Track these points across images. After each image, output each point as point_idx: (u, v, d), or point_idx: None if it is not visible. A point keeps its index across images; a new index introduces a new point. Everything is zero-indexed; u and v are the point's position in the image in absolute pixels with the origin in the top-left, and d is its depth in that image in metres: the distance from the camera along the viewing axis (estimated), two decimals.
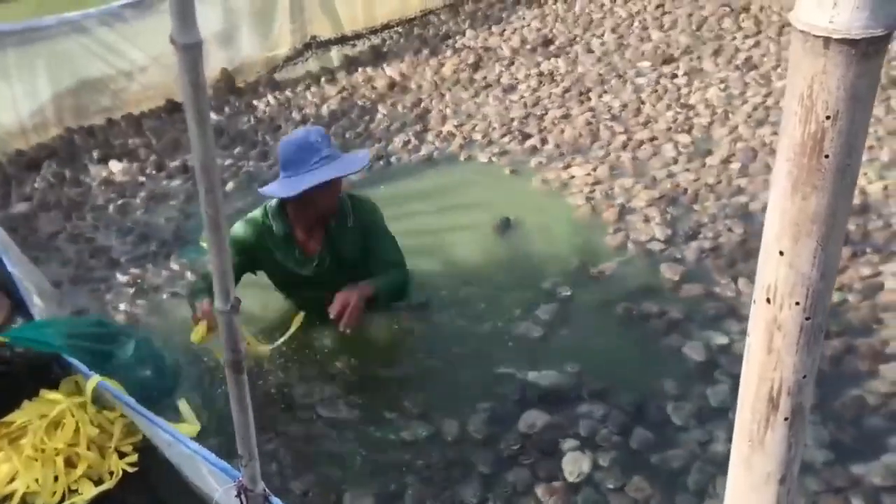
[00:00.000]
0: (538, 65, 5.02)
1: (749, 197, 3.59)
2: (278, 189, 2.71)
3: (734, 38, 5.14)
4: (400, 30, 5.64)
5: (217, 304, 1.66)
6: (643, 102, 4.47)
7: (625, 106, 4.45)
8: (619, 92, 4.60)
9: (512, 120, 4.39)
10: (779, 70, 4.70)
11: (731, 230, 3.37)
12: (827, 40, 0.66)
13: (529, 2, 5.98)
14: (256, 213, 2.87)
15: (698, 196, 3.63)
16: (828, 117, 0.69)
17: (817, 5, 0.66)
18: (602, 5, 5.86)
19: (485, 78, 4.88)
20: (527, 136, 4.24)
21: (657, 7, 5.68)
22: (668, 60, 4.88)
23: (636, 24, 5.48)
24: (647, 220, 3.48)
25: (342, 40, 5.44)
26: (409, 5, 5.78)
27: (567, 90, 4.67)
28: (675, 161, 3.91)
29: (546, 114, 4.44)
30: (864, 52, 0.66)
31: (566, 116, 4.39)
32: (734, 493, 0.92)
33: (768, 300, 0.79)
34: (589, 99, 4.57)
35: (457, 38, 5.46)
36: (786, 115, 0.71)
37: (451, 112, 4.53)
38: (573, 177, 3.86)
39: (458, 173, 4.03)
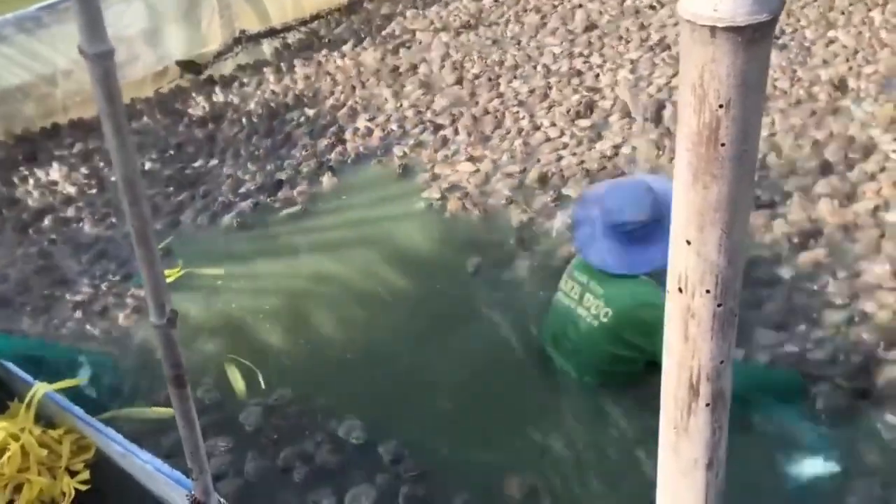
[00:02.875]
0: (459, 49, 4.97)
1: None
2: None
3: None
4: (330, 19, 5.55)
5: (152, 318, 1.62)
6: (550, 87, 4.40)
7: (532, 91, 4.38)
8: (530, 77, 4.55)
9: (427, 110, 4.33)
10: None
11: None
12: (713, 29, 0.65)
13: None
14: None
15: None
16: (720, 106, 0.68)
17: None
18: None
19: (414, 67, 4.80)
20: (439, 127, 4.16)
21: None
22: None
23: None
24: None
25: (272, 33, 5.34)
26: None
27: (477, 76, 4.61)
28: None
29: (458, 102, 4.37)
30: (750, 38, 0.65)
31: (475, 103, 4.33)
32: (664, 479, 0.93)
33: (680, 289, 0.79)
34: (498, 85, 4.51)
35: (386, 24, 5.39)
36: (681, 106, 0.71)
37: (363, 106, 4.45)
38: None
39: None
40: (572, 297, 2.64)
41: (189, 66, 4.90)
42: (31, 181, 4.08)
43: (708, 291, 0.77)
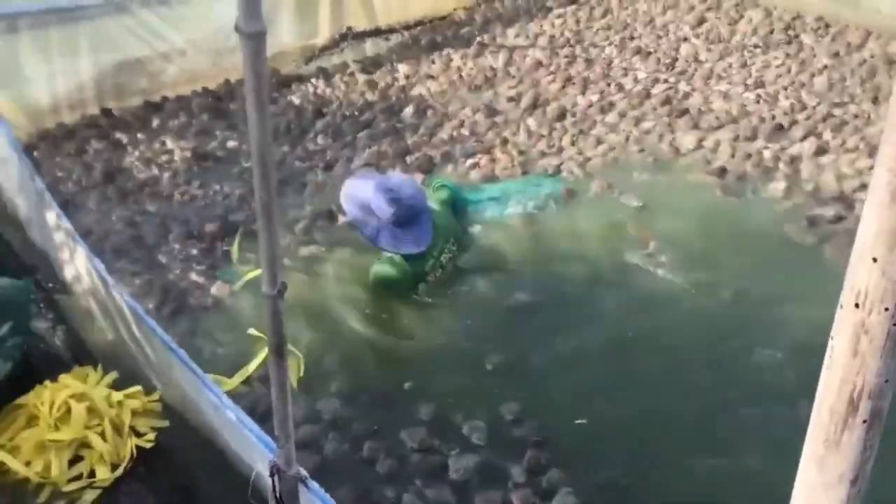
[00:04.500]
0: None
1: None
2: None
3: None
4: (433, 25, 5.68)
5: (264, 287, 1.70)
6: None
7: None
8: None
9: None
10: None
11: None
12: None
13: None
14: None
15: None
16: None
17: None
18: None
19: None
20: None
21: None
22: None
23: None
24: None
25: (376, 33, 5.48)
26: (442, 3, 5.81)
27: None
28: None
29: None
30: None
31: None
32: (804, 491, 0.95)
33: (857, 305, 0.82)
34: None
35: (484, 37, 5.49)
36: (889, 126, 0.74)
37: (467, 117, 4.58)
38: None
39: None
40: None
41: None
42: (136, 152, 4.25)
43: (887, 310, 0.80)
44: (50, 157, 4.15)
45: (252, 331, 2.90)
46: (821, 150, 4.18)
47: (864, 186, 3.91)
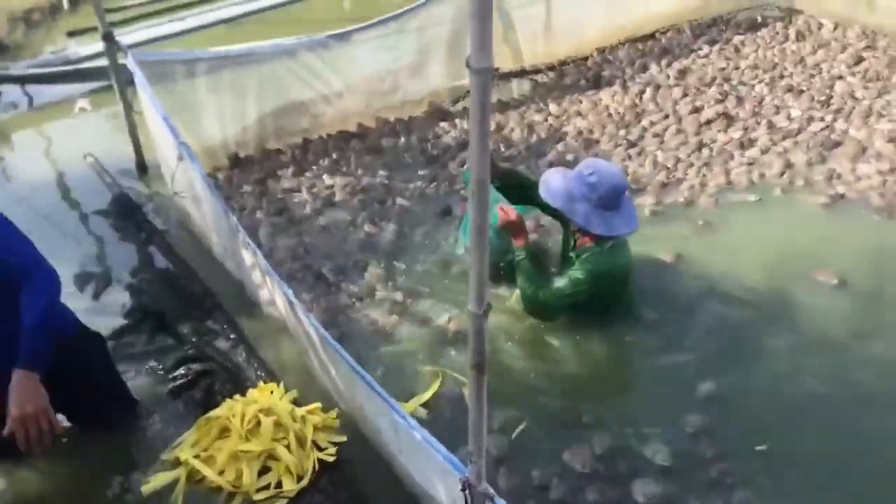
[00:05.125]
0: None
1: None
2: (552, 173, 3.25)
3: None
4: (577, 65, 5.78)
5: (471, 306, 1.79)
6: None
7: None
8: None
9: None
10: None
11: None
12: None
13: (712, 41, 6.01)
14: None
15: None
16: None
17: None
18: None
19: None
20: None
21: None
22: None
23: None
24: None
25: (521, 73, 5.62)
26: (586, 43, 5.91)
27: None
28: None
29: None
30: None
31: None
32: None
33: None
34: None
35: (630, 78, 5.55)
36: None
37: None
38: None
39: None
40: None
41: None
42: (301, 187, 4.50)
43: None
44: (226, 191, 4.46)
45: (427, 368, 3.03)
46: None
47: None
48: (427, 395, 3.04)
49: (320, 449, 2.85)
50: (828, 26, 6.08)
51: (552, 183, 3.17)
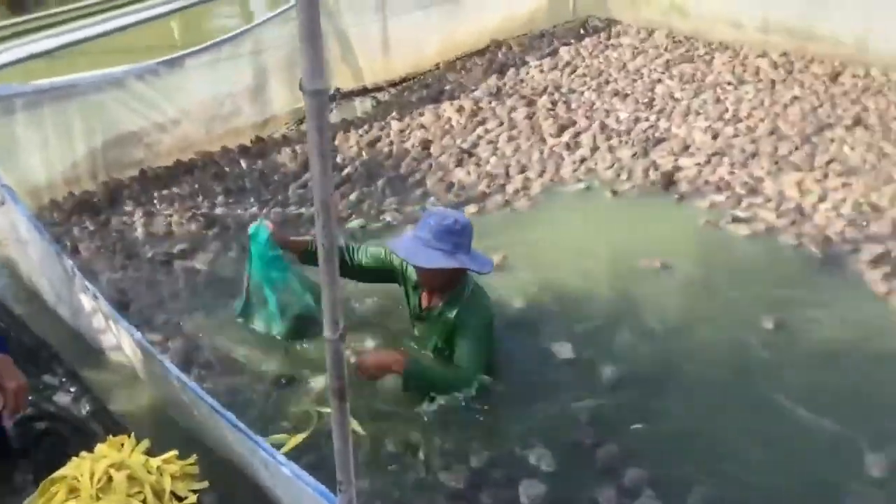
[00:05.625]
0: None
1: None
2: (400, 245, 3.00)
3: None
4: (417, 82, 5.86)
5: (326, 332, 1.76)
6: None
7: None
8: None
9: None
10: None
11: None
12: None
13: (543, 53, 6.27)
14: None
15: None
16: None
17: None
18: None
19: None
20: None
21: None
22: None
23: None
24: None
25: (363, 92, 5.64)
26: (425, 60, 6.01)
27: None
28: None
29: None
30: None
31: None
32: None
33: None
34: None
35: (467, 91, 5.69)
36: None
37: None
38: None
39: None
40: None
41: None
42: (141, 218, 4.29)
43: None
44: (56, 230, 4.17)
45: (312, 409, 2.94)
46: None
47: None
48: (300, 438, 2.94)
49: (180, 499, 2.70)
50: (644, 34, 6.49)
51: (418, 249, 2.90)
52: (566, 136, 4.99)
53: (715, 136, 4.89)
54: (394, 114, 5.38)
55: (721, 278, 3.66)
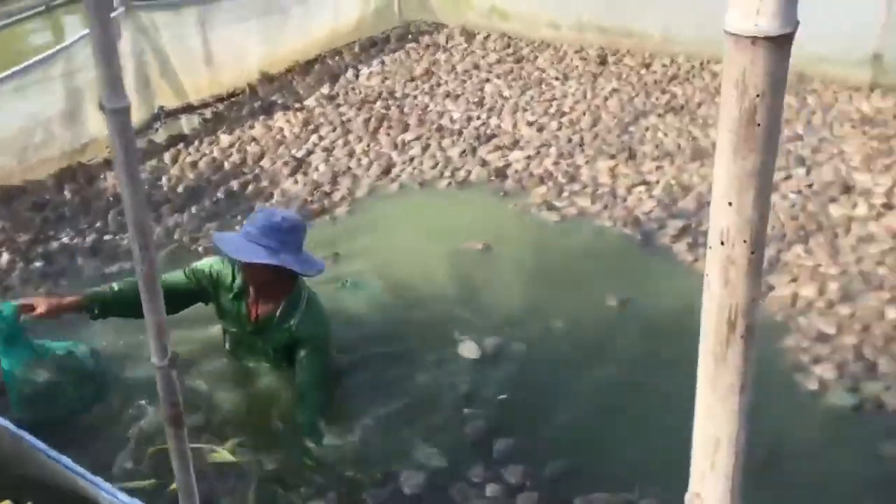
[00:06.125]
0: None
1: None
2: (224, 239, 2.90)
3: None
4: (243, 98, 5.76)
5: (154, 359, 1.72)
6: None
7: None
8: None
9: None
10: None
11: None
12: (754, 39, 0.92)
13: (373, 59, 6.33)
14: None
15: None
16: (757, 96, 0.94)
17: (743, 16, 0.92)
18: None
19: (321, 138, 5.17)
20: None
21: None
22: None
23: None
24: None
25: (189, 109, 5.48)
26: (252, 72, 5.91)
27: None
28: None
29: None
30: (779, 45, 0.92)
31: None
32: (703, 407, 1.15)
33: (722, 242, 1.03)
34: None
35: (300, 101, 5.67)
36: (724, 97, 0.97)
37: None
38: None
39: None
40: None
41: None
42: None
43: (745, 242, 1.01)
44: None
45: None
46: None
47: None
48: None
49: None
50: (470, 37, 6.68)
51: (242, 244, 2.78)
52: (400, 139, 5.07)
53: (541, 130, 5.11)
54: (223, 129, 5.27)
55: (550, 263, 3.87)
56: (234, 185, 4.63)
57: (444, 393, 3.09)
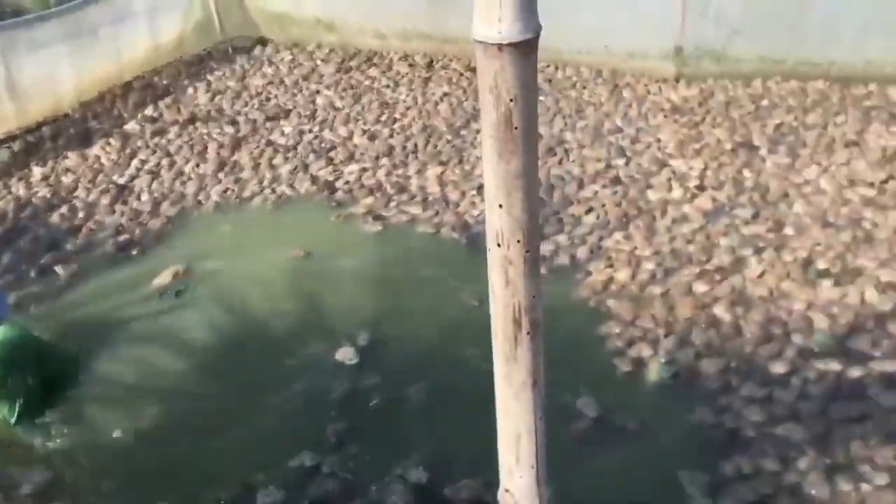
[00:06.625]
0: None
1: None
2: None
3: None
4: (55, 128, 5.43)
5: None
6: None
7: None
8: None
9: None
10: None
11: None
12: (500, 46, 0.95)
13: (197, 77, 6.12)
14: None
15: None
16: (511, 100, 0.97)
17: (486, 24, 0.95)
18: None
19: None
20: None
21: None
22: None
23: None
24: None
25: None
26: (64, 99, 5.58)
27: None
28: None
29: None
30: (524, 50, 0.95)
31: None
32: (501, 404, 1.18)
33: (498, 244, 1.06)
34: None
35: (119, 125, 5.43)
36: (483, 103, 0.99)
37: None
38: None
39: None
40: None
41: None
42: None
43: (519, 241, 1.04)
44: None
45: None
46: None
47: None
48: None
49: None
50: (297, 50, 6.60)
51: None
52: (231, 159, 4.93)
53: (373, 139, 5.12)
54: (36, 161, 4.93)
55: (369, 271, 3.93)
56: (55, 219, 4.37)
57: (314, 398, 3.13)
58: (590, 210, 4.20)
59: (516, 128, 0.98)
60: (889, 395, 2.91)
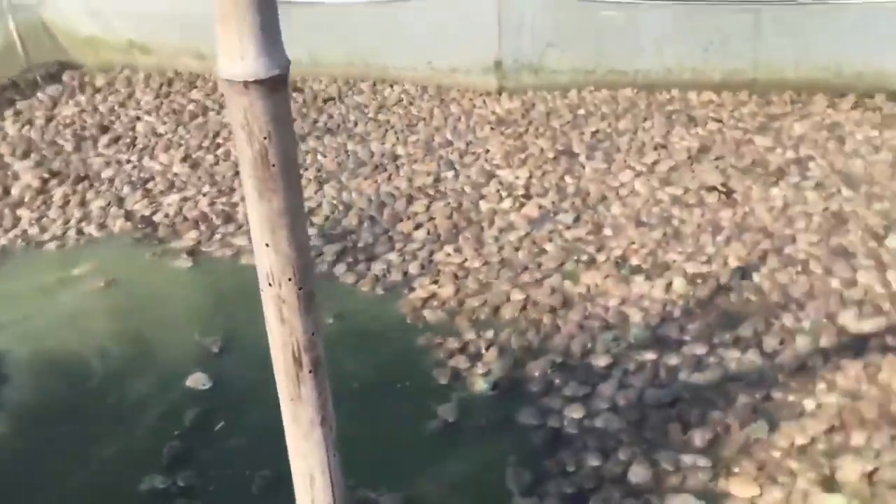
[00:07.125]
0: None
1: None
2: None
3: None
4: None
5: None
6: None
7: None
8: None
9: None
10: None
11: None
12: (246, 83, 0.92)
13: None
14: None
15: None
16: (265, 137, 0.95)
17: (230, 60, 0.92)
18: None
19: None
20: None
21: None
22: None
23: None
24: None
25: None
26: None
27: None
28: None
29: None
30: (271, 87, 0.93)
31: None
32: (292, 446, 1.14)
33: (269, 283, 1.03)
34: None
35: None
36: (237, 142, 0.96)
37: None
38: None
39: None
40: None
41: None
42: None
43: (290, 280, 1.01)
44: None
45: None
46: None
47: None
48: None
49: None
50: (112, 75, 6.29)
51: None
52: (38, 194, 4.62)
53: (195, 167, 4.94)
54: None
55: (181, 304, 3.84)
56: None
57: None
58: (419, 226, 4.23)
59: (273, 165, 0.96)
60: (698, 374, 3.12)
